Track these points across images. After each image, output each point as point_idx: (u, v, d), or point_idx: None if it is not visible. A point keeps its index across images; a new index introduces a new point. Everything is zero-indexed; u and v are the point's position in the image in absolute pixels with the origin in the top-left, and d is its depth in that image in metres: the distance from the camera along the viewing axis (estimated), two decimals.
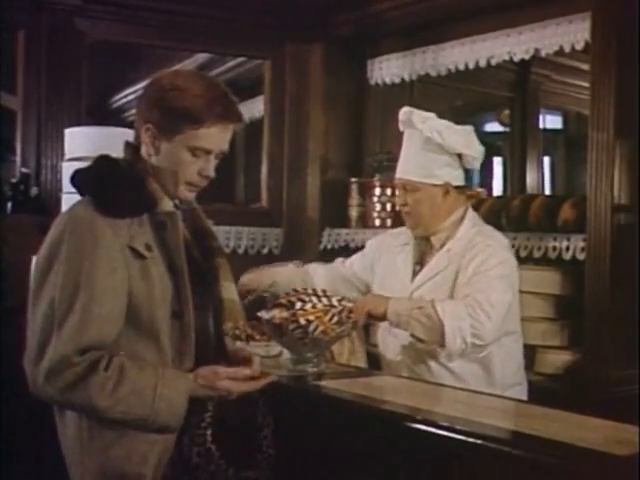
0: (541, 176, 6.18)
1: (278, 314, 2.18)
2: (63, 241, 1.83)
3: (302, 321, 2.16)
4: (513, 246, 3.64)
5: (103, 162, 1.98)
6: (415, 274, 2.79)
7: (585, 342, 3.34)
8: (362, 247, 3.26)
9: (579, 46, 3.69)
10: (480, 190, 4.25)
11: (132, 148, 1.99)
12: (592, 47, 3.41)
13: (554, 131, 6.86)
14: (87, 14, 4.19)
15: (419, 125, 2.78)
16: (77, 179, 1.98)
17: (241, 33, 4.54)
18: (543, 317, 3.59)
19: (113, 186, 1.90)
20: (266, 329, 2.20)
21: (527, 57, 3.98)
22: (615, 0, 3.32)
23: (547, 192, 6.31)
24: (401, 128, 2.88)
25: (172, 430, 1.83)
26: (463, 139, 2.78)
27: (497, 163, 6.36)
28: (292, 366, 2.32)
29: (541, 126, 6.53)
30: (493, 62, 4.10)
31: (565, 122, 7.03)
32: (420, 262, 2.82)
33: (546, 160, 6.69)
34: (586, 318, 3.34)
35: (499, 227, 3.68)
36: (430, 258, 2.80)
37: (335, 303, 2.26)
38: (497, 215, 3.70)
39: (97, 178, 1.92)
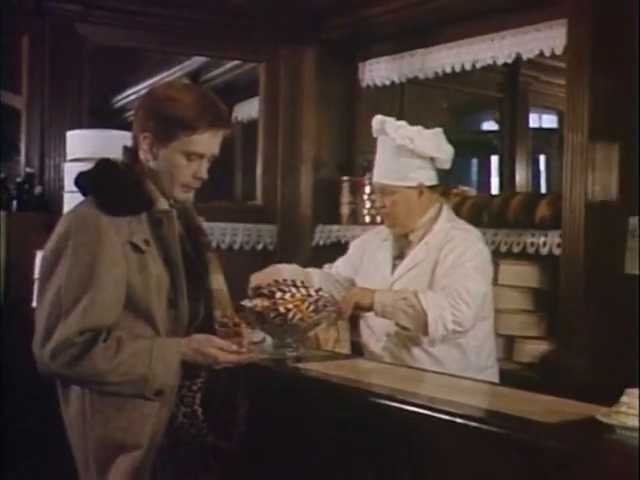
0: (534, 174, 6.35)
1: (260, 303, 2.38)
2: (69, 236, 2.01)
3: (282, 309, 2.37)
4: (494, 242, 3.85)
5: (104, 165, 2.17)
6: (395, 267, 2.98)
7: (559, 333, 3.52)
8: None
9: (558, 51, 3.85)
10: (465, 189, 4.41)
11: (130, 152, 2.17)
12: (568, 52, 3.58)
13: (549, 130, 7.01)
14: (88, 19, 4.35)
15: (392, 133, 2.97)
16: (81, 180, 2.17)
17: (237, 37, 4.71)
18: (522, 309, 3.76)
19: (114, 187, 2.08)
20: (249, 316, 2.39)
21: (510, 61, 4.16)
22: (590, 8, 3.48)
23: (543, 189, 6.48)
24: (375, 135, 3.05)
25: (168, 393, 2.00)
26: (433, 143, 2.97)
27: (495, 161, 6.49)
28: (273, 350, 2.52)
29: (537, 125, 6.70)
30: (478, 65, 4.28)
31: (560, 121, 7.19)
32: (400, 256, 3.00)
33: (542, 158, 6.86)
34: (560, 310, 3.51)
35: (481, 224, 3.87)
36: (409, 252, 2.99)
37: (312, 293, 2.46)
38: (479, 212, 3.88)
39: (100, 180, 2.11)
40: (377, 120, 3.05)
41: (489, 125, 6.98)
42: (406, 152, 2.94)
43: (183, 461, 2.07)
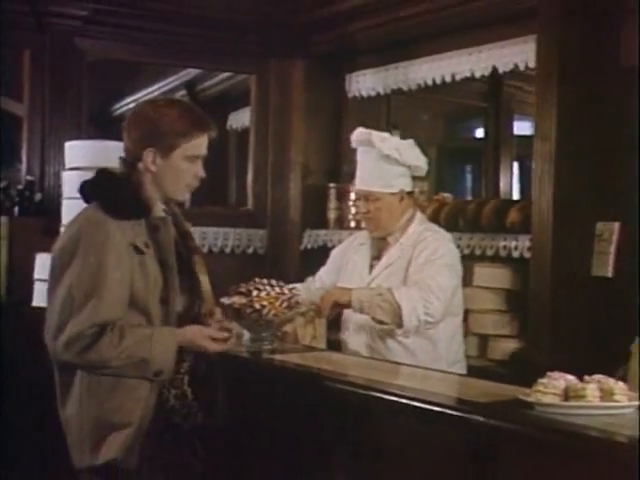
0: (520, 179, 6.55)
1: (237, 300, 2.62)
2: (80, 238, 2.23)
3: (257, 306, 2.60)
4: (469, 246, 4.07)
5: (106, 174, 2.39)
6: (372, 267, 3.21)
7: (528, 332, 3.73)
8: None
9: (532, 64, 4.06)
10: (445, 195, 4.62)
11: (128, 164, 2.38)
12: (537, 67, 3.80)
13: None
14: (87, 34, 4.57)
15: (378, 144, 3.19)
16: (85, 188, 2.38)
17: (229, 50, 4.93)
18: (495, 309, 3.98)
19: (118, 194, 2.31)
20: (228, 312, 2.62)
21: (487, 74, 4.37)
22: (558, 25, 3.70)
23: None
24: (355, 146, 3.28)
25: (166, 374, 2.23)
26: (415, 153, 3.22)
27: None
28: (250, 344, 2.77)
29: (525, 133, 6.89)
30: (457, 78, 4.48)
31: None
32: (378, 257, 3.24)
33: (527, 164, 7.05)
34: (529, 310, 3.73)
35: (457, 228, 4.10)
36: (386, 253, 3.22)
37: (286, 291, 2.69)
38: (455, 217, 4.09)
39: (105, 188, 2.33)
40: (361, 132, 3.28)
41: (482, 133, 7.18)
42: (390, 161, 3.18)
43: (172, 444, 2.29)
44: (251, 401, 2.49)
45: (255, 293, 2.62)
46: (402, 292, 3.01)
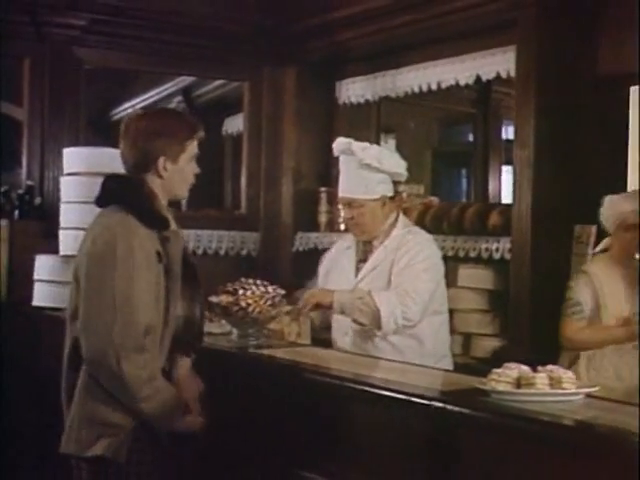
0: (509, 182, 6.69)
1: (225, 298, 2.78)
2: (117, 244, 2.33)
3: (243, 304, 2.76)
4: (453, 248, 4.22)
5: (126, 181, 2.48)
6: (359, 270, 3.36)
7: (508, 330, 3.89)
8: (329, 249, 3.78)
9: (512, 73, 4.21)
10: (432, 198, 4.78)
11: (137, 172, 2.48)
12: (516, 76, 3.95)
13: None
14: (84, 43, 4.71)
15: (359, 153, 3.33)
16: (108, 193, 2.47)
17: (222, 58, 5.08)
18: (478, 309, 4.14)
19: (144, 204, 2.42)
20: (216, 310, 2.78)
21: (470, 82, 4.53)
22: (536, 36, 3.86)
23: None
24: (336, 154, 3.43)
25: None
26: (394, 160, 3.36)
27: None
28: (237, 340, 2.93)
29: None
30: (443, 86, 4.64)
31: None
32: (364, 260, 3.39)
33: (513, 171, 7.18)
34: (509, 310, 3.88)
35: (442, 231, 4.25)
36: (371, 256, 3.37)
37: (270, 290, 2.85)
38: (440, 220, 4.25)
39: (130, 195, 2.43)
40: (342, 142, 3.43)
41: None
42: (372, 169, 3.31)
43: (157, 444, 2.42)
44: (238, 393, 2.65)
45: (241, 292, 2.78)
46: (382, 296, 3.15)
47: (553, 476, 1.79)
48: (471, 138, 7.26)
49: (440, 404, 1.97)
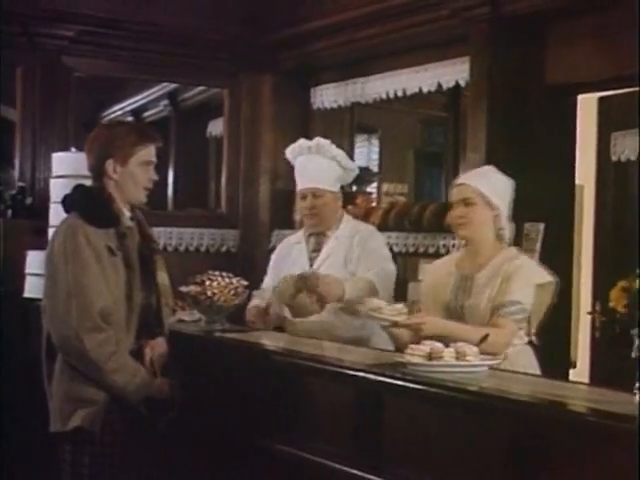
0: None
1: (193, 288, 3.15)
2: (66, 242, 2.70)
3: (209, 293, 3.11)
4: (414, 244, 4.57)
5: (82, 189, 2.87)
6: (312, 260, 3.69)
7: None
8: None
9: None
10: (399, 198, 5.13)
11: (96, 178, 2.85)
12: (469, 85, 4.29)
13: None
14: (73, 53, 5.00)
15: (329, 151, 3.69)
16: (66, 201, 2.87)
17: (203, 67, 5.39)
18: None
19: (93, 206, 2.78)
20: (186, 299, 3.13)
21: (433, 89, 4.85)
22: (487, 49, 4.19)
23: None
24: (297, 154, 3.77)
25: None
26: (352, 161, 3.72)
27: None
28: (205, 325, 3.28)
29: None
30: (408, 93, 4.97)
31: None
32: (317, 250, 3.73)
33: None
34: None
35: (404, 229, 4.59)
36: (325, 246, 3.71)
37: (234, 281, 3.20)
38: (402, 218, 4.58)
39: (82, 201, 2.81)
40: (305, 142, 3.78)
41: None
42: (333, 164, 3.68)
43: (130, 415, 2.73)
44: (207, 371, 3.01)
45: (208, 283, 3.14)
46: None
47: (457, 432, 2.13)
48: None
49: (363, 374, 2.33)
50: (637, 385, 1.99)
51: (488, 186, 3.03)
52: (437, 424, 2.18)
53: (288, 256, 3.78)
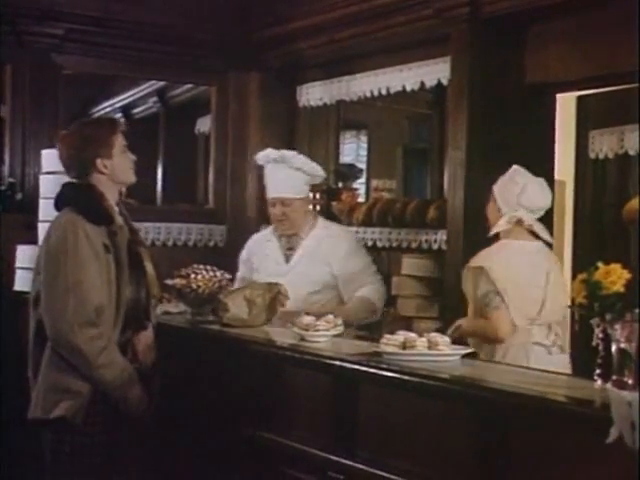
0: None
1: (179, 281, 3.24)
2: (67, 238, 2.79)
3: (194, 286, 3.20)
4: (397, 240, 4.67)
5: (75, 187, 2.97)
6: (288, 257, 3.83)
7: (444, 314, 4.32)
8: None
9: None
10: (383, 194, 5.23)
11: (82, 177, 2.96)
12: (450, 84, 4.38)
13: None
14: (62, 50, 5.05)
15: (293, 160, 3.86)
16: (61, 198, 2.96)
17: (191, 64, 5.46)
18: (419, 294, 4.58)
19: (89, 203, 2.89)
20: (172, 292, 3.23)
21: (416, 88, 4.95)
22: (467, 49, 4.28)
23: None
24: (265, 162, 3.95)
25: None
26: (317, 167, 3.92)
27: None
28: (190, 317, 3.39)
29: None
30: (391, 91, 5.07)
31: None
32: (291, 248, 3.88)
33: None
34: (444, 295, 4.32)
35: (387, 224, 4.69)
36: (299, 245, 3.87)
37: (218, 275, 3.30)
38: (385, 214, 4.68)
39: (77, 198, 2.91)
40: (271, 151, 3.97)
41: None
42: (299, 173, 3.85)
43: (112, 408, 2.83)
44: (191, 361, 3.11)
45: (193, 276, 3.24)
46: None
47: (430, 418, 2.24)
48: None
49: (339, 363, 2.43)
50: (597, 372, 2.10)
51: None
52: (411, 411, 2.28)
53: (259, 251, 3.94)
